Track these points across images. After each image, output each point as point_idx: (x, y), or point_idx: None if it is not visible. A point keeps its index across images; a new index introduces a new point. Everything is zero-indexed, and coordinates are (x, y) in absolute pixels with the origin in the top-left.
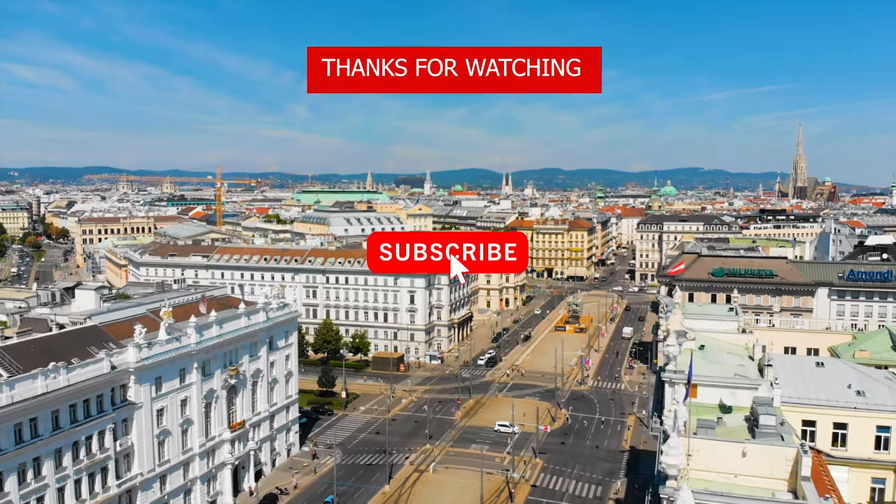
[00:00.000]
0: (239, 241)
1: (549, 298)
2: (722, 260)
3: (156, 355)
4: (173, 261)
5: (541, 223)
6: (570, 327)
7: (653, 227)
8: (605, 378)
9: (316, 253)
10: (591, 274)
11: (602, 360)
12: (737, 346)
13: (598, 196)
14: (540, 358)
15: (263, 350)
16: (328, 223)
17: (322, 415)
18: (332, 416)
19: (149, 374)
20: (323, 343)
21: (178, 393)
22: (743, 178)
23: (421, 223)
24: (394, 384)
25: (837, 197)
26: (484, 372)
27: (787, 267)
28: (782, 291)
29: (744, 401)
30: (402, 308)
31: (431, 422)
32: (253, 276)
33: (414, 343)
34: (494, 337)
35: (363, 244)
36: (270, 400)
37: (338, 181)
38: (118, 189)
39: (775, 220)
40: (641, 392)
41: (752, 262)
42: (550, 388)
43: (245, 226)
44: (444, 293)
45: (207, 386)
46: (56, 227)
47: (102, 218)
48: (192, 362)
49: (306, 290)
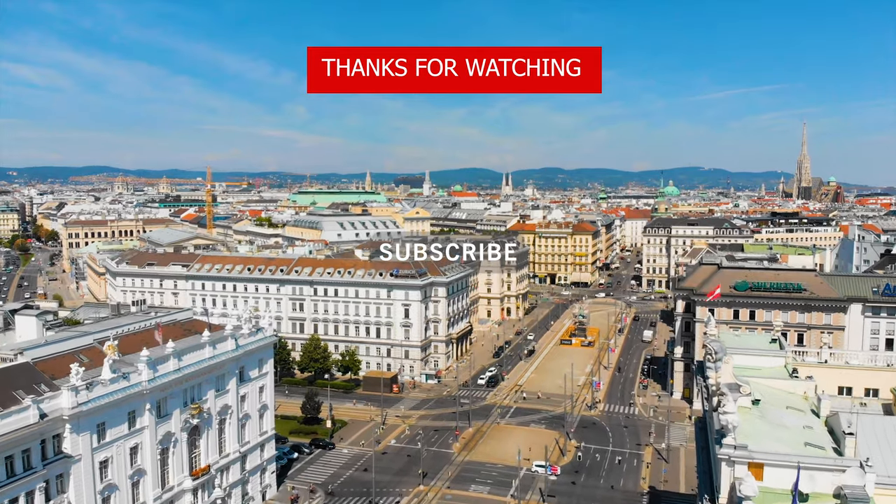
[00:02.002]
0: (222, 249)
1: (553, 307)
2: (745, 273)
3: (97, 398)
4: (151, 270)
5: (543, 226)
6: (577, 340)
7: (660, 231)
8: (617, 401)
9: (303, 262)
10: (595, 280)
11: (612, 378)
12: (794, 396)
13: (600, 197)
14: (545, 376)
15: (232, 382)
16: (321, 227)
17: (309, 446)
18: (318, 447)
19: (89, 420)
20: (310, 361)
21: (126, 440)
22: (743, 177)
23: (418, 227)
24: (386, 409)
25: (843, 198)
26: (485, 393)
27: (816, 280)
28: (812, 308)
29: (824, 486)
30: (395, 322)
31: (426, 457)
32: (236, 288)
33: (409, 361)
34: (496, 351)
35: (355, 252)
36: (242, 438)
37: (337, 181)
38: (113, 189)
39: (788, 224)
40: (657, 417)
41: (779, 276)
42: (558, 412)
43: (236, 229)
44: (441, 306)
45: (164, 429)
46: (46, 229)
47: (89, 221)
48: (143, 403)
49: (293, 302)
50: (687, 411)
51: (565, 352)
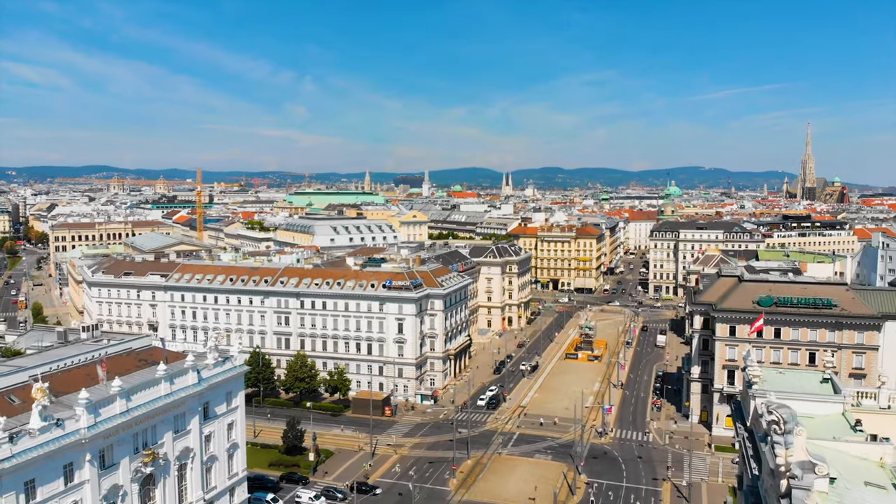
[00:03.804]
0: (204, 257)
1: (557, 316)
2: (769, 286)
3: (23, 452)
4: (127, 281)
5: (546, 230)
6: (583, 354)
7: (668, 236)
8: (629, 425)
9: (290, 272)
10: (600, 285)
11: (623, 398)
12: (869, 464)
13: (602, 198)
14: (550, 396)
15: (194, 422)
16: (313, 232)
17: (289, 482)
18: (290, 482)
19: (14, 478)
20: (295, 381)
21: (62, 498)
22: (744, 176)
23: (415, 231)
24: (376, 436)
25: (848, 198)
26: (485, 416)
27: (847, 295)
28: (843, 325)
29: None
30: (388, 338)
31: (419, 500)
32: (217, 300)
33: (402, 380)
34: (496, 367)
35: (347, 260)
36: (207, 484)
37: (337, 181)
38: (109, 190)
39: (800, 228)
40: (674, 446)
41: (806, 290)
42: (565, 440)
43: (227, 232)
44: (437, 320)
45: (109, 482)
46: (37, 231)
47: (76, 224)
48: (83, 453)
49: (278, 315)
50: (706, 438)
51: (571, 367)
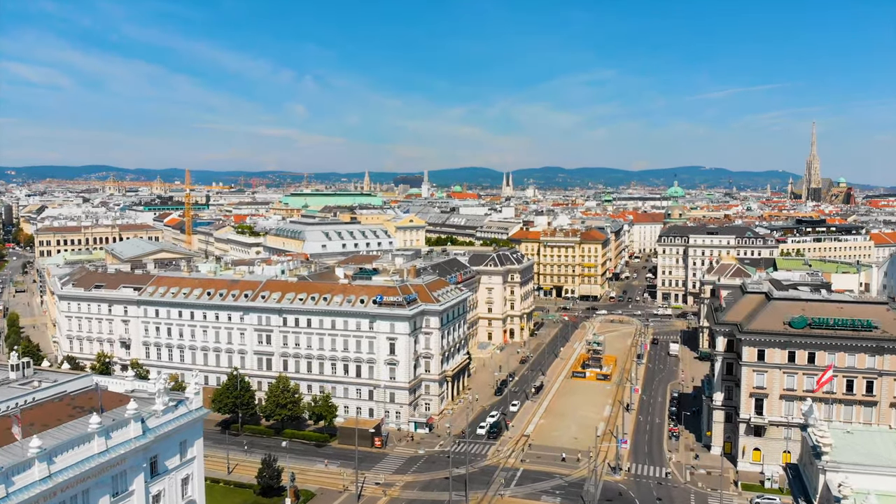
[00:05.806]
0: (183, 268)
1: (562, 327)
2: (802, 305)
3: None
4: (98, 294)
5: (549, 234)
6: (591, 373)
7: (676, 241)
8: (645, 458)
9: (272, 286)
10: (605, 292)
11: (636, 424)
12: None
13: (605, 200)
14: (556, 422)
15: (138, 480)
16: (303, 238)
17: None
18: None
19: None
20: (276, 407)
21: None
22: (745, 176)
23: (412, 237)
24: (364, 472)
25: (854, 199)
26: (485, 447)
27: (888, 316)
28: (885, 350)
29: None
30: (379, 359)
31: None
32: (193, 315)
33: (394, 405)
34: (498, 387)
35: (336, 270)
36: None
37: (336, 180)
38: (104, 191)
39: (815, 233)
40: (697, 483)
41: (842, 309)
42: (575, 477)
43: (217, 236)
44: (433, 339)
45: None
46: (26, 233)
47: (62, 227)
48: None
49: (258, 333)
50: (731, 474)
51: (578, 387)
